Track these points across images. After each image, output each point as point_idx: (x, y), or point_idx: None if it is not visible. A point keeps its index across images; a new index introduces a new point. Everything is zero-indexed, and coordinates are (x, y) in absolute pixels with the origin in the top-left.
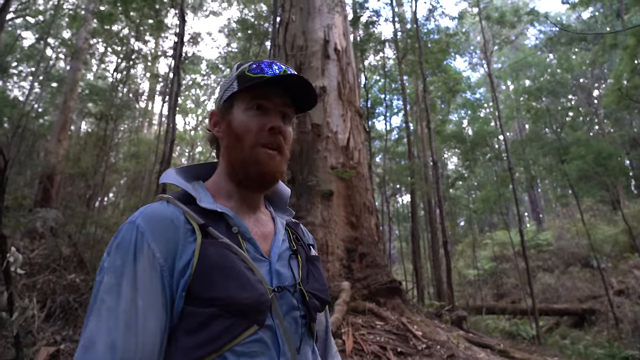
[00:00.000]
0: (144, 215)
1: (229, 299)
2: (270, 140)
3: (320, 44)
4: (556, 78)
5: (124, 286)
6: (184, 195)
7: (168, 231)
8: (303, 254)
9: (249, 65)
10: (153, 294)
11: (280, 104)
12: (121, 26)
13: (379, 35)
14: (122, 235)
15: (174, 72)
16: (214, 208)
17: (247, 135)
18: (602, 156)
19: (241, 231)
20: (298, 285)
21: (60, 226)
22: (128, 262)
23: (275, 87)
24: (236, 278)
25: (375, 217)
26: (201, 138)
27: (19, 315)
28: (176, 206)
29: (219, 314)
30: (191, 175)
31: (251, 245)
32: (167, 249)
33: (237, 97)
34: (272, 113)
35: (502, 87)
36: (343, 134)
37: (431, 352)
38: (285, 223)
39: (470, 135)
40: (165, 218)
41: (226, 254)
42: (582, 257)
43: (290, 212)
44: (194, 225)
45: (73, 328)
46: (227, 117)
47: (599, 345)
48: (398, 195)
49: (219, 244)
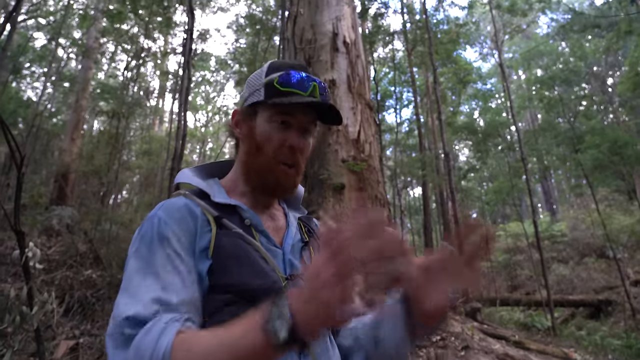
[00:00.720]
0: (164, 208)
1: (243, 286)
2: (289, 158)
3: (329, 37)
4: (569, 66)
5: (157, 261)
6: (199, 192)
7: (188, 219)
8: (315, 246)
9: (279, 75)
10: (187, 265)
11: (304, 121)
12: (130, 25)
13: (388, 27)
14: (145, 228)
15: (184, 67)
16: (227, 202)
17: (267, 148)
18: (617, 145)
19: (254, 223)
20: None
21: (75, 223)
22: (155, 247)
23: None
24: (250, 266)
25: (388, 209)
26: (212, 134)
27: (39, 310)
28: (192, 200)
29: (233, 300)
30: (206, 173)
31: (264, 237)
32: (190, 236)
33: (261, 105)
34: (294, 130)
35: (513, 77)
36: (353, 127)
37: (445, 344)
38: (297, 217)
39: (481, 126)
40: (185, 208)
41: (240, 244)
42: (598, 247)
43: (302, 210)
44: (208, 217)
45: (91, 322)
46: (250, 123)
47: (616, 336)
48: (410, 188)
49: (232, 234)
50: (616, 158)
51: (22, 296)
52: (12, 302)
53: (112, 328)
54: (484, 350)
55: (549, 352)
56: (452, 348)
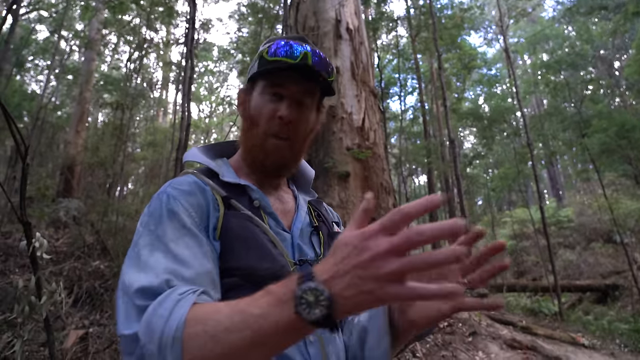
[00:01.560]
0: (172, 184)
1: (249, 269)
2: (279, 130)
3: (332, 23)
4: (575, 50)
5: (167, 235)
6: (207, 171)
7: (198, 195)
8: (325, 230)
9: (267, 46)
10: (198, 237)
11: (296, 91)
12: (132, 15)
13: (391, 13)
14: (154, 205)
15: (187, 57)
16: (236, 181)
17: (259, 121)
18: (625, 128)
19: (263, 205)
20: (320, 259)
21: (82, 215)
22: (164, 222)
23: (293, 73)
24: (257, 249)
25: (393, 197)
26: (216, 125)
27: (47, 299)
28: (200, 179)
29: (239, 283)
30: (215, 152)
31: (272, 219)
32: (201, 210)
33: (257, 78)
34: (285, 101)
35: (519, 62)
36: (358, 114)
37: (453, 330)
38: (307, 200)
39: (487, 112)
40: (195, 185)
41: (248, 226)
42: (604, 232)
43: (313, 193)
44: (217, 197)
45: (100, 312)
46: (247, 98)
47: (624, 321)
48: (415, 175)
49: (241, 215)
50: (624, 142)
51: (31, 286)
52: (20, 292)
53: (122, 298)
54: (491, 335)
55: (557, 337)
56: (460, 334)
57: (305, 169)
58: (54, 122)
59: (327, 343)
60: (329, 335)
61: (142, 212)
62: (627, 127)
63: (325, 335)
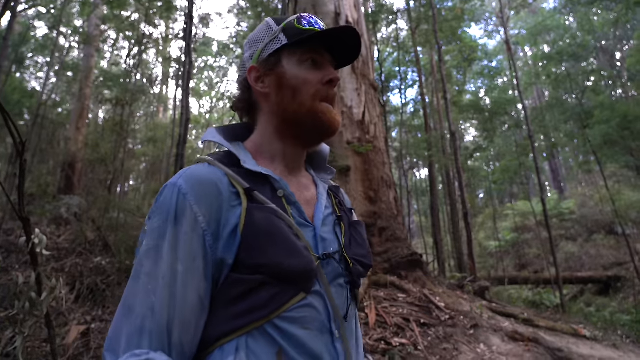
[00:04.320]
0: (186, 176)
1: (277, 266)
2: (329, 93)
3: (331, 17)
4: (577, 41)
5: (164, 250)
6: (226, 156)
7: (211, 194)
8: (346, 220)
9: (295, 18)
10: (194, 258)
11: (330, 59)
12: (131, 11)
13: (391, 6)
14: (164, 198)
15: (186, 51)
16: (259, 170)
17: (306, 89)
18: (627, 119)
19: (286, 195)
20: (342, 251)
21: (84, 212)
22: (169, 225)
23: (323, 43)
24: (283, 244)
25: (394, 190)
26: (216, 120)
27: (48, 295)
28: (218, 168)
29: (266, 281)
30: (231, 134)
31: (296, 209)
32: (211, 213)
33: (285, 51)
34: (327, 66)
35: (520, 54)
36: (358, 108)
37: (454, 323)
38: (327, 187)
39: (488, 104)
40: (209, 180)
41: (273, 219)
42: (606, 224)
43: (331, 170)
44: (238, 189)
45: (102, 308)
46: (277, 71)
47: (625, 312)
48: (416, 169)
49: (265, 209)
50: (626, 133)
51: (31, 282)
52: (21, 288)
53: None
54: (493, 328)
55: (558, 329)
56: (461, 327)
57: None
58: (54, 119)
59: (350, 339)
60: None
61: (144, 208)
62: (630, 117)
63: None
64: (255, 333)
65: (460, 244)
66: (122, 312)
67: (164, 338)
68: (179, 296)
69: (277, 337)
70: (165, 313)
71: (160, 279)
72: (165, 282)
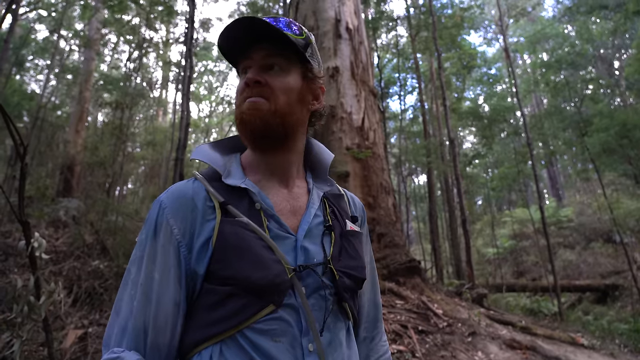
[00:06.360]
0: (169, 193)
1: (244, 280)
2: (250, 93)
3: (331, 23)
4: (575, 49)
5: (145, 259)
6: (213, 171)
7: (186, 208)
8: (338, 229)
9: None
10: (168, 268)
11: (260, 57)
12: (132, 14)
13: (391, 13)
14: (150, 212)
15: (186, 55)
16: (237, 184)
17: (237, 100)
18: (626, 128)
19: (264, 207)
20: (328, 262)
21: (82, 215)
22: (150, 236)
23: (251, 42)
24: (250, 258)
25: (393, 197)
26: (216, 125)
27: (46, 299)
28: (201, 183)
29: (235, 292)
30: (229, 147)
31: (274, 222)
32: (185, 226)
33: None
34: (252, 69)
35: (519, 61)
36: (357, 114)
37: (452, 330)
38: (322, 195)
39: (487, 111)
40: (186, 196)
41: (242, 233)
42: (604, 232)
43: (330, 181)
44: (215, 203)
45: (99, 312)
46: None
47: (623, 321)
48: (414, 175)
49: (236, 222)
50: (625, 141)
51: (30, 286)
52: (19, 291)
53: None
54: (490, 335)
55: (556, 337)
56: (459, 334)
57: (321, 152)
58: (53, 121)
59: (328, 354)
60: (329, 346)
61: (142, 211)
62: (628, 126)
63: (327, 346)
64: (229, 342)
65: (458, 251)
66: (113, 313)
67: (140, 339)
68: (155, 301)
69: (247, 348)
70: (141, 316)
71: (139, 286)
72: (142, 289)
